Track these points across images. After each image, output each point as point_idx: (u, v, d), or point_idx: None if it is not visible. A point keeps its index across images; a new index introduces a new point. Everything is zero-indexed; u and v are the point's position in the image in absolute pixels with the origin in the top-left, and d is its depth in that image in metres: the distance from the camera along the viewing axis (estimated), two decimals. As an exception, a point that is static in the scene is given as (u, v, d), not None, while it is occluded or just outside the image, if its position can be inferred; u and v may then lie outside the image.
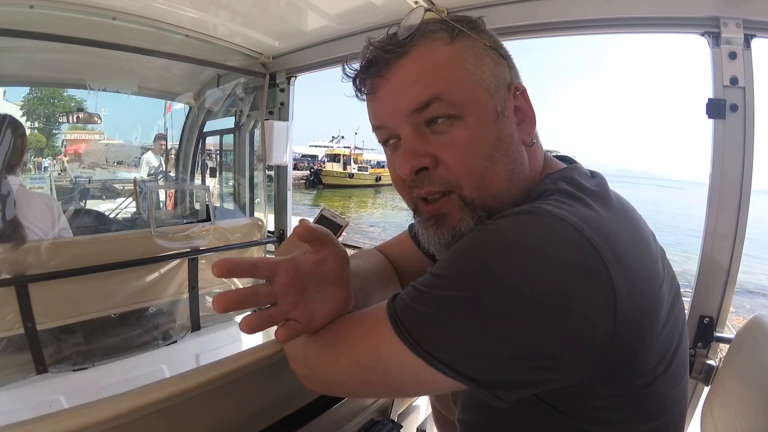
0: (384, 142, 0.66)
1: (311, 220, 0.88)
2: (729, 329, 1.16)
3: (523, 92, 0.63)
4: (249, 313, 0.53)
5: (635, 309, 0.46)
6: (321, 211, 0.90)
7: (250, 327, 0.52)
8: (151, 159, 3.73)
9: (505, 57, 0.62)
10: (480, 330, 0.44)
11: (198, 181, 3.28)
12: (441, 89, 0.56)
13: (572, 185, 0.56)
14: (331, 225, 0.88)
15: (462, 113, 0.57)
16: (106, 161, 4.45)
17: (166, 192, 3.53)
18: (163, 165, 3.70)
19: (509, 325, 0.44)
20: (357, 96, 0.65)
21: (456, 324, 0.45)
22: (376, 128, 0.65)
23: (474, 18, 0.62)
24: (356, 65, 0.64)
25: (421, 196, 0.61)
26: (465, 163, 0.57)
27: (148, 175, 3.68)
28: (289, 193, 2.42)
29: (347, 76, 0.65)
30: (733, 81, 1.08)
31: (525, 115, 0.63)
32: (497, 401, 0.47)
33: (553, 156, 0.69)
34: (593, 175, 0.62)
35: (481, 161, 0.57)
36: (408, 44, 0.58)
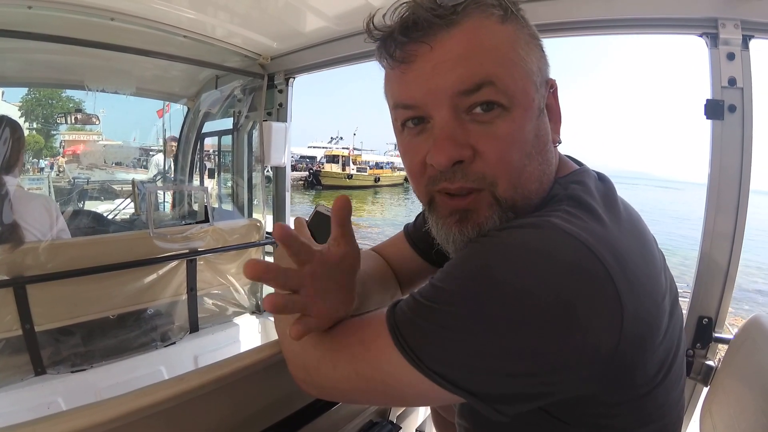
0: (403, 122, 0.58)
1: (307, 218, 0.87)
2: (728, 330, 1.16)
3: (555, 90, 0.59)
4: (273, 292, 0.50)
5: (639, 324, 0.45)
6: (316, 207, 0.88)
7: (274, 306, 0.49)
8: (161, 161, 3.68)
9: (543, 50, 0.58)
10: (481, 345, 0.44)
11: (196, 182, 3.27)
12: (496, 73, 0.50)
13: (582, 192, 0.53)
14: (326, 220, 0.82)
15: (510, 104, 0.51)
16: (105, 162, 4.45)
17: (164, 193, 3.52)
18: (173, 168, 3.64)
19: (511, 341, 0.43)
20: (384, 63, 0.57)
21: (457, 339, 0.44)
22: (402, 106, 0.56)
23: (518, 2, 0.55)
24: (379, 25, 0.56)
25: (448, 191, 0.55)
26: (506, 159, 0.52)
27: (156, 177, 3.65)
28: (288, 194, 2.42)
29: (372, 37, 0.57)
30: (732, 82, 1.08)
31: (554, 113, 0.60)
32: (497, 415, 0.46)
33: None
34: (601, 178, 0.60)
35: (521, 159, 0.53)
36: (460, 12, 0.51)
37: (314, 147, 52.58)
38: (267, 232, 2.44)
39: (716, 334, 1.15)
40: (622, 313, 0.43)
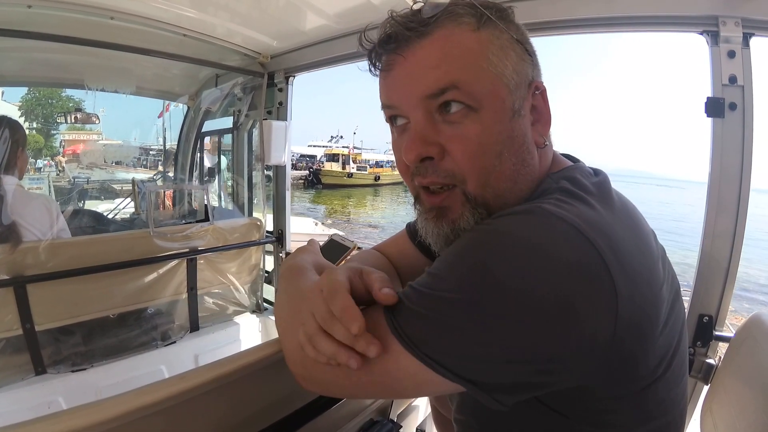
0: (391, 121, 0.63)
1: (321, 243, 0.93)
2: (728, 328, 1.16)
3: (543, 92, 0.61)
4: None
5: (636, 312, 0.45)
6: (331, 236, 0.99)
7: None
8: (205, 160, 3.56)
9: (530, 53, 0.60)
10: (479, 332, 0.44)
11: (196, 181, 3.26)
12: (460, 78, 0.54)
13: (574, 184, 0.55)
14: (338, 247, 0.95)
15: (478, 106, 0.54)
16: (105, 161, 4.44)
17: (164, 192, 3.52)
18: (216, 167, 3.38)
19: (509, 327, 0.43)
20: (370, 71, 0.63)
21: (454, 326, 0.45)
22: (386, 107, 0.62)
23: (505, 7, 0.59)
24: (373, 36, 0.61)
25: (423, 185, 0.60)
26: (473, 159, 0.55)
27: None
28: (288, 193, 2.42)
29: (363, 47, 0.62)
30: (732, 80, 1.08)
31: (541, 115, 0.61)
32: (496, 404, 0.46)
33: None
34: (596, 173, 0.61)
35: (490, 159, 0.56)
36: (432, 24, 0.55)
37: (314, 146, 52.52)
38: (267, 231, 2.45)
39: (717, 333, 1.15)
40: (616, 298, 0.44)
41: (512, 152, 0.57)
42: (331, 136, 56.07)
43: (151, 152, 4.67)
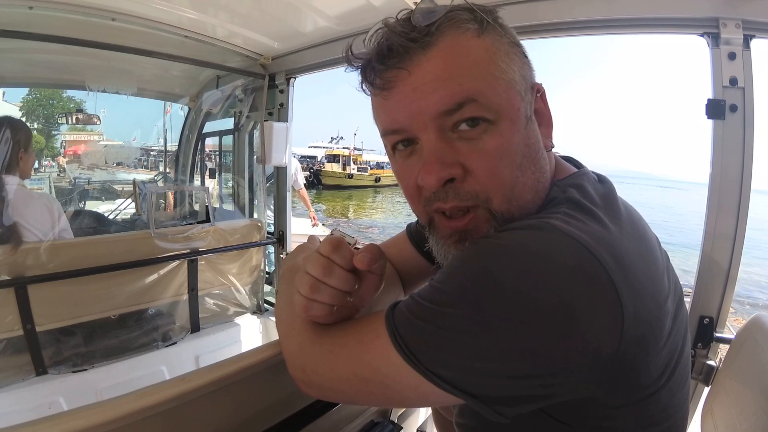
0: (393, 146, 0.58)
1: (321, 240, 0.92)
2: (729, 329, 1.16)
3: (543, 94, 0.59)
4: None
5: (641, 326, 0.44)
6: (332, 231, 0.96)
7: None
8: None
9: (526, 55, 0.57)
10: (481, 347, 0.43)
11: (197, 182, 3.27)
12: (477, 89, 0.50)
13: (581, 194, 0.53)
14: None
15: (496, 117, 0.51)
16: (105, 162, 4.44)
17: (165, 193, 3.52)
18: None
19: (511, 342, 0.42)
20: (365, 90, 0.57)
21: (456, 340, 0.44)
22: (390, 131, 0.56)
23: (494, 9, 0.55)
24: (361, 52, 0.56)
25: (443, 211, 0.55)
26: (497, 174, 0.52)
27: None
28: (289, 194, 2.42)
29: (352, 66, 0.57)
30: (733, 81, 1.08)
31: (543, 118, 0.59)
32: (497, 417, 0.46)
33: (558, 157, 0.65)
34: (601, 180, 0.60)
35: (513, 171, 0.52)
36: (434, 32, 0.51)
37: (315, 147, 52.53)
38: (268, 233, 2.45)
39: (717, 334, 1.15)
40: (622, 315, 0.42)
41: (530, 161, 0.54)
42: (332, 137, 56.11)
43: (152, 153, 4.68)
